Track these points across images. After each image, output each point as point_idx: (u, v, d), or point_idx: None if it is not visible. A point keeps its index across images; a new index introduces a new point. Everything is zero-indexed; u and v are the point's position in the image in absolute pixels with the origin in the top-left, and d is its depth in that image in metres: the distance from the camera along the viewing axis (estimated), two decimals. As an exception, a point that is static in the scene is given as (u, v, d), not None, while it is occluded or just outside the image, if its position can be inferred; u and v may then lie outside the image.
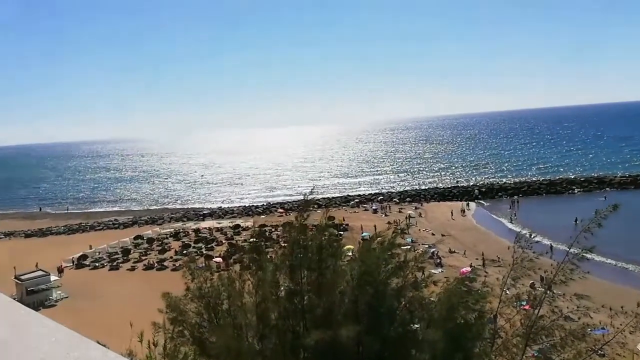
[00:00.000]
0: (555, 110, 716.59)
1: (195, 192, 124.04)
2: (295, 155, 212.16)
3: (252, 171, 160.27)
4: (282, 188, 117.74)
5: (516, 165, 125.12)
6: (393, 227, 54.73)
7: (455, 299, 6.86)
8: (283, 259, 6.93)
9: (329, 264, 6.73)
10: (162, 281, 39.77)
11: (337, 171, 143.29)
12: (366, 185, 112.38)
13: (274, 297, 7.15)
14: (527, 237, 8.60)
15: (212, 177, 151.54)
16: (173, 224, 77.07)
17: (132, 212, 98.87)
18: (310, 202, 7.46)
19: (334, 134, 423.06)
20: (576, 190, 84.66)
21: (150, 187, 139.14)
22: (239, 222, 72.24)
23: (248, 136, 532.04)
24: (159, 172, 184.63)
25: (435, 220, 69.28)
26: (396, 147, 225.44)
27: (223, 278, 7.92)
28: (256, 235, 8.65)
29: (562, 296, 8.79)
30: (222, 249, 55.53)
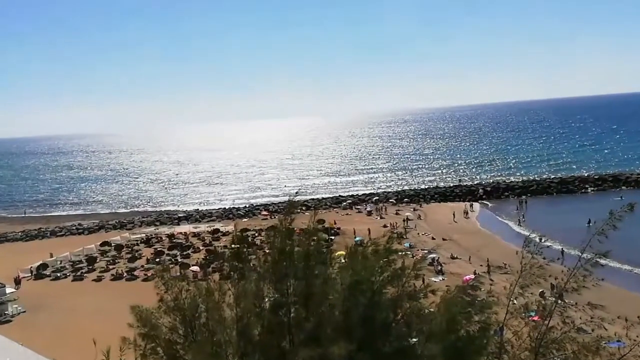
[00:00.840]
0: (568, 101, 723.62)
1: (169, 192, 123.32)
2: (281, 151, 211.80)
3: (232, 169, 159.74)
4: (267, 188, 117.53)
5: (524, 162, 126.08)
6: (389, 231, 54.88)
7: (455, 310, 6.91)
8: (267, 268, 6.91)
9: (317, 272, 6.72)
10: (132, 293, 39.49)
11: (327, 169, 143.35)
12: (360, 184, 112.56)
13: (257, 309, 7.13)
14: (536, 242, 8.67)
15: (188, 176, 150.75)
16: (144, 229, 76.61)
17: (98, 215, 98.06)
18: (296, 204, 7.45)
19: (324, 128, 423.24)
20: (589, 189, 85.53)
21: (118, 188, 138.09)
22: (218, 226, 71.97)
23: (229, 130, 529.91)
24: (128, 170, 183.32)
25: (436, 223, 69.58)
26: (393, 142, 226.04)
27: (200, 289, 7.88)
28: (237, 241, 8.60)
29: (574, 305, 8.87)
30: (199, 256, 55.26)
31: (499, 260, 48.51)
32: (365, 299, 6.68)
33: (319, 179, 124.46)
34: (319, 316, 6.50)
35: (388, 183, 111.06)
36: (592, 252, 7.87)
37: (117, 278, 50.74)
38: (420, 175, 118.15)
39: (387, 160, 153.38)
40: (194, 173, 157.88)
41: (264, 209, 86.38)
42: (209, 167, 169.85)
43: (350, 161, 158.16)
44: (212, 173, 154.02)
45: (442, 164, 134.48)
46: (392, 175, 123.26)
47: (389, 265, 7.23)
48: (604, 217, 8.16)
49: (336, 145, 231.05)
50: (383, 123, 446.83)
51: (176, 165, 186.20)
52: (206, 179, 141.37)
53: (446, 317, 6.90)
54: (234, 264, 7.81)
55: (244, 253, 8.08)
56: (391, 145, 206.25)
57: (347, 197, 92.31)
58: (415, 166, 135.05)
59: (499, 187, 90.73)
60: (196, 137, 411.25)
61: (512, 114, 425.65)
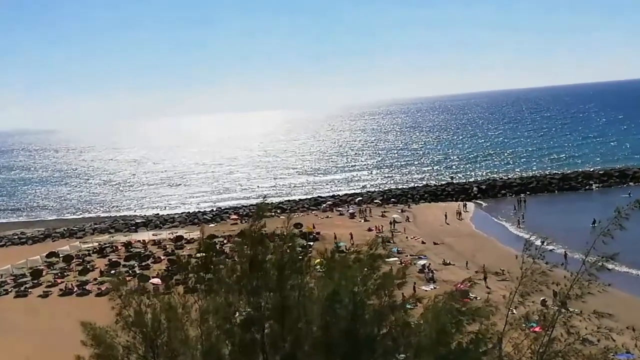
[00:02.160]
0: (570, 89, 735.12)
1: (125, 195, 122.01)
2: (252, 147, 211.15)
3: (198, 168, 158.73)
4: (236, 189, 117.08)
5: (522, 157, 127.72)
6: (373, 236, 55.04)
7: (445, 319, 6.96)
8: (237, 279, 6.87)
9: (293, 283, 6.70)
10: (84, 309, 39.01)
11: (305, 167, 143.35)
12: (341, 183, 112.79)
13: (227, 326, 7.09)
14: (538, 245, 8.75)
15: (147, 177, 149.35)
16: (97, 237, 75.89)
17: (44, 222, 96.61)
18: (267, 207, 7.43)
19: (300, 121, 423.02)
20: (594, 185, 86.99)
21: (67, 191, 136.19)
22: (181, 232, 71.57)
23: (194, 124, 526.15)
24: (78, 171, 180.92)
25: (426, 225, 70.07)
26: (377, 135, 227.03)
27: (162, 304, 7.81)
28: (204, 249, 8.55)
29: (579, 314, 8.99)
30: (160, 267, 54.97)
31: (496, 265, 48.97)
32: (347, 312, 6.68)
33: (295, 178, 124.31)
34: (296, 332, 6.49)
35: (373, 182, 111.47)
36: (598, 255, 7.99)
37: (67, 293, 50.07)
38: (409, 173, 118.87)
39: (372, 157, 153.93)
40: (154, 173, 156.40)
41: (233, 212, 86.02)
42: (170, 166, 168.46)
43: (331, 158, 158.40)
44: (174, 173, 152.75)
45: (432, 160, 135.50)
46: (377, 173, 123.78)
47: (373, 274, 7.25)
48: (610, 216, 8.28)
49: (314, 140, 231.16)
50: (366, 115, 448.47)
51: (133, 165, 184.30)
52: (167, 180, 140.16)
53: (435, 328, 6.95)
54: (201, 276, 7.75)
55: (212, 263, 8.02)
56: (376, 140, 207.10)
57: (327, 198, 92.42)
58: (403, 162, 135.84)
59: (495, 184, 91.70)
60: (156, 133, 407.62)
61: (509, 103, 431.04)
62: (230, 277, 7.44)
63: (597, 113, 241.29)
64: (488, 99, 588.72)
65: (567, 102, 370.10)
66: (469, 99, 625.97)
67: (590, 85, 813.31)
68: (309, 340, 6.83)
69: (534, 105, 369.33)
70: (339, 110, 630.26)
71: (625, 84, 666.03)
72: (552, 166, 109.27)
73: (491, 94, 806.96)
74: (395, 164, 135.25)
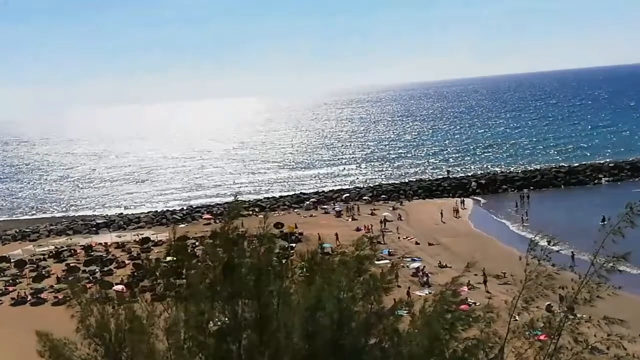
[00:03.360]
0: (578, 73, 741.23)
1: (85, 193, 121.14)
2: (227, 138, 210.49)
3: (165, 162, 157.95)
4: (209, 185, 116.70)
5: (526, 149, 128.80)
6: (361, 235, 55.14)
7: (437, 325, 6.99)
8: (210, 285, 6.84)
9: (272, 289, 6.69)
10: (39, 320, 38.61)
11: (286, 160, 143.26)
12: (326, 179, 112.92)
13: (200, 337, 7.06)
14: (543, 245, 8.80)
15: (109, 172, 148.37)
16: (53, 240, 75.31)
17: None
18: (239, 206, 7.39)
19: (281, 109, 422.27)
20: (603, 179, 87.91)
21: (19, 188, 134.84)
22: (148, 234, 71.25)
23: (161, 113, 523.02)
24: (30, 166, 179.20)
25: (420, 224, 70.39)
26: (366, 125, 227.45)
27: (127, 313, 7.77)
28: (174, 252, 8.51)
29: (587, 321, 9.07)
30: (124, 272, 54.76)
31: (496, 268, 49.45)
32: (331, 320, 6.68)
33: (275, 173, 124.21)
34: (276, 343, 6.49)
35: (361, 177, 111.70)
36: (608, 255, 8.06)
37: (20, 302, 49.76)
38: (401, 167, 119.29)
39: (360, 149, 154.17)
40: (117, 168, 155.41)
41: (206, 211, 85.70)
42: (135, 160, 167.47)
43: (315, 150, 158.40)
44: (139, 167, 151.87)
45: (426, 152, 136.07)
46: (366, 167, 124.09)
47: (359, 278, 7.24)
48: (621, 213, 8.36)
49: (296, 130, 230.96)
50: (354, 102, 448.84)
51: (93, 159, 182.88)
52: (132, 175, 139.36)
53: (427, 334, 6.98)
54: (170, 282, 7.72)
55: (183, 267, 7.99)
56: (364, 130, 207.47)
57: (310, 195, 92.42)
58: (395, 155, 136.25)
59: (495, 179, 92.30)
60: (119, 123, 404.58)
61: (511, 89, 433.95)
62: (202, 282, 7.41)
63: (608, 99, 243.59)
64: (488, 84, 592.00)
65: (575, 87, 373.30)
66: (467, 85, 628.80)
67: (600, 70, 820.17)
68: (290, 352, 6.83)
69: (538, 91, 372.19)
70: (323, 97, 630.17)
71: (639, 67, 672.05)
72: (558, 159, 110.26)
73: (491, 79, 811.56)
74: (386, 156, 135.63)
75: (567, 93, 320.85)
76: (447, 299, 7.68)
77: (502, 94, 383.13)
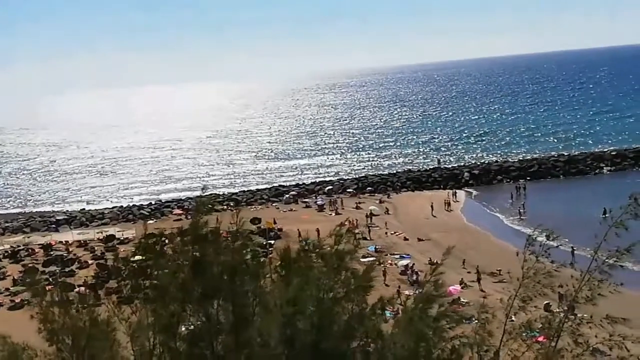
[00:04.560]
0: (578, 54, 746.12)
1: (43, 187, 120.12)
2: (198, 126, 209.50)
3: (132, 153, 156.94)
4: (181, 178, 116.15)
5: (523, 136, 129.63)
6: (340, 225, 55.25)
7: (420, 325, 7.02)
8: (179, 286, 6.82)
9: (247, 289, 6.68)
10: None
11: (264, 150, 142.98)
12: (308, 170, 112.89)
13: (170, 342, 7.05)
14: (542, 241, 8.85)
15: (70, 164, 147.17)
16: (9, 238, 74.87)
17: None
18: (207, 201, 7.37)
19: (257, 95, 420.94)
20: (605, 169, 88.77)
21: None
22: (113, 231, 70.89)
23: (124, 99, 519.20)
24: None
25: (409, 218, 70.71)
26: (351, 111, 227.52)
27: (91, 317, 7.73)
28: (142, 250, 8.47)
29: (589, 321, 9.14)
30: (87, 273, 54.40)
31: (491, 264, 49.87)
32: (310, 322, 6.69)
33: (252, 164, 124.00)
34: (251, 347, 6.50)
35: (345, 167, 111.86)
36: (609, 250, 8.13)
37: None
38: (388, 157, 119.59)
39: (344, 137, 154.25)
40: (79, 159, 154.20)
41: (176, 206, 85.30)
42: (99, 151, 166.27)
43: (295, 139, 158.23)
44: (103, 159, 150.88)
45: (416, 141, 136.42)
46: (350, 156, 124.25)
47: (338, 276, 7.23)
48: (624, 205, 8.43)
49: (275, 117, 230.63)
50: (337, 87, 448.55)
51: (52, 149, 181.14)
52: (96, 167, 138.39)
53: (411, 335, 7.01)
54: (138, 283, 7.69)
55: (151, 267, 7.96)
56: (349, 117, 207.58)
57: (290, 188, 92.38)
58: (382, 144, 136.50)
59: (489, 169, 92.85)
60: (82, 110, 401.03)
61: (506, 72, 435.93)
62: (172, 283, 7.39)
63: (610, 83, 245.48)
64: (481, 67, 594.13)
65: (575, 70, 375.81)
66: (459, 68, 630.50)
67: (602, 50, 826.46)
68: (267, 356, 6.84)
69: (535, 74, 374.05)
70: (303, 81, 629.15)
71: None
72: (559, 147, 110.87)
73: (484, 61, 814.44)
74: (373, 145, 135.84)
75: (566, 76, 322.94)
76: (429, 292, 7.70)
77: (497, 77, 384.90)
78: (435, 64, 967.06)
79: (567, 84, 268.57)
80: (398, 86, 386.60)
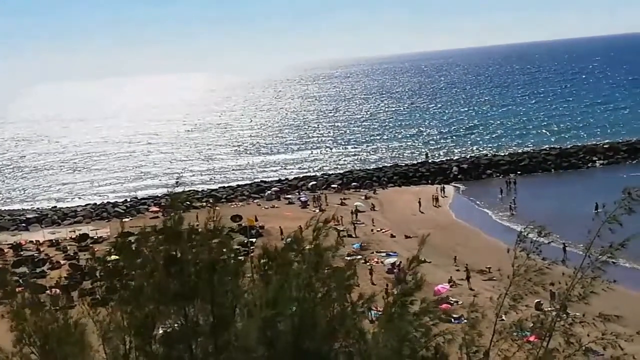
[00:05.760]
0: (571, 43, 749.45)
1: (12, 184, 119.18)
2: (175, 119, 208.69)
3: (106, 147, 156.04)
4: (157, 174, 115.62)
5: (514, 129, 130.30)
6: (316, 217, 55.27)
7: (400, 322, 7.03)
8: (156, 286, 6.80)
9: (225, 289, 6.68)
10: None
11: (244, 144, 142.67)
12: (291, 165, 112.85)
13: (146, 346, 7.02)
14: (533, 237, 8.88)
15: (40, 160, 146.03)
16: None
17: None
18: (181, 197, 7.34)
19: (239, 86, 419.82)
20: (597, 162, 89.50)
21: None
22: (86, 230, 70.49)
23: (97, 91, 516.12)
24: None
25: (396, 214, 70.89)
26: (335, 104, 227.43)
27: (64, 319, 7.69)
28: (117, 250, 8.42)
29: (581, 320, 9.18)
30: (59, 274, 53.97)
31: (481, 262, 50.17)
32: (290, 324, 6.68)
33: (232, 159, 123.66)
34: (231, 350, 6.49)
35: (330, 162, 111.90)
36: (602, 246, 8.17)
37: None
38: (374, 151, 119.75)
39: (328, 130, 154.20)
40: (50, 154, 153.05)
41: (153, 203, 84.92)
42: (71, 146, 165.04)
43: (277, 133, 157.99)
44: (76, 154, 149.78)
45: (403, 134, 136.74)
46: (335, 150, 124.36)
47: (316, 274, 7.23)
48: (618, 199, 8.48)
49: (256, 110, 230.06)
50: (321, 78, 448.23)
51: (21, 144, 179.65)
52: (68, 163, 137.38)
53: (393, 334, 7.01)
54: (112, 284, 7.66)
55: (128, 267, 7.93)
56: (333, 109, 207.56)
57: (272, 183, 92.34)
58: (367, 138, 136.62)
59: (479, 163, 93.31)
60: (53, 102, 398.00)
61: (497, 62, 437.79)
62: (145, 283, 7.36)
63: (604, 73, 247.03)
64: (470, 57, 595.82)
65: (567, 60, 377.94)
66: (447, 58, 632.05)
67: (595, 40, 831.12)
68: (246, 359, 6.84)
69: (527, 64, 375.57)
70: (286, 72, 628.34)
71: (638, 37, 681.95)
72: (550, 140, 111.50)
73: (474, 51, 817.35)
74: (358, 139, 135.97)
75: (558, 66, 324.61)
76: (409, 288, 7.72)
77: (487, 67, 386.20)
78: (423, 53, 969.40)
79: (559, 74, 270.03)
80: (384, 77, 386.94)
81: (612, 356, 8.35)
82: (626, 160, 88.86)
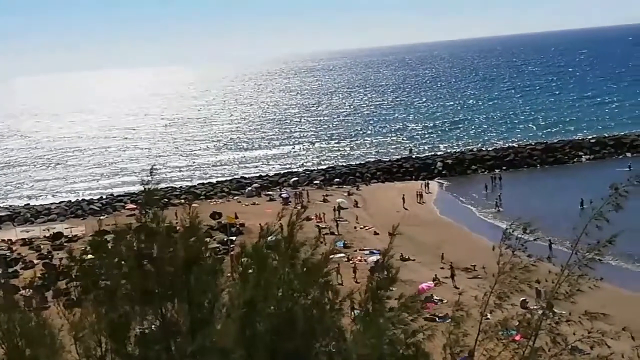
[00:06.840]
0: (557, 36, 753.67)
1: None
2: (152, 114, 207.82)
3: (81, 143, 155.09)
4: (134, 170, 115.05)
5: (499, 123, 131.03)
6: (294, 209, 55.20)
7: (374, 317, 7.04)
8: (131, 285, 6.78)
9: (205, 287, 6.67)
10: None
11: (224, 139, 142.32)
12: (272, 160, 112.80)
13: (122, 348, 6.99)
14: (519, 234, 8.91)
15: (13, 155, 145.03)
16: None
17: None
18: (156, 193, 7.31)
19: (217, 80, 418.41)
20: (583, 157, 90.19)
21: None
22: (60, 228, 70.17)
23: (71, 84, 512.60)
24: None
25: (380, 211, 70.99)
26: (318, 98, 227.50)
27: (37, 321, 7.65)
28: (92, 249, 8.37)
29: (567, 319, 9.22)
30: (33, 273, 53.72)
31: (466, 260, 50.37)
32: (269, 323, 6.68)
33: (211, 155, 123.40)
34: (211, 350, 6.48)
35: (312, 158, 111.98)
36: (589, 244, 8.21)
37: None
38: (357, 146, 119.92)
39: (310, 125, 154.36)
40: (22, 150, 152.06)
41: (129, 200, 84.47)
42: (45, 141, 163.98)
43: (257, 127, 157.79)
44: (50, 149, 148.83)
45: (386, 129, 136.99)
46: (317, 146, 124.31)
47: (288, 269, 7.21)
48: (603, 195, 8.54)
49: (236, 104, 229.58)
50: (303, 71, 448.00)
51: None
52: (41, 159, 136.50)
53: (369, 330, 7.02)
54: (87, 285, 7.61)
55: (103, 267, 7.89)
56: (315, 103, 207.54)
57: (253, 180, 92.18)
58: (350, 132, 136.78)
59: (463, 158, 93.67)
60: (24, 96, 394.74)
61: (481, 55, 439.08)
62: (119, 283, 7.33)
63: (591, 66, 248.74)
64: (455, 49, 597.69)
65: (554, 52, 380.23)
66: (431, 50, 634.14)
67: (582, 32, 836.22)
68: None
69: (512, 57, 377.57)
70: (266, 65, 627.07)
71: (626, 29, 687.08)
72: (537, 134, 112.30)
73: (458, 44, 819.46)
74: (341, 134, 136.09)
75: (544, 59, 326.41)
76: (383, 280, 7.73)
77: (472, 60, 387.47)
78: (407, 46, 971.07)
79: (546, 67, 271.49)
80: (367, 70, 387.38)
81: (599, 355, 8.38)
82: (612, 155, 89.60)
